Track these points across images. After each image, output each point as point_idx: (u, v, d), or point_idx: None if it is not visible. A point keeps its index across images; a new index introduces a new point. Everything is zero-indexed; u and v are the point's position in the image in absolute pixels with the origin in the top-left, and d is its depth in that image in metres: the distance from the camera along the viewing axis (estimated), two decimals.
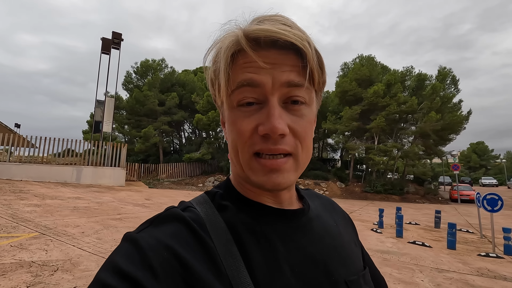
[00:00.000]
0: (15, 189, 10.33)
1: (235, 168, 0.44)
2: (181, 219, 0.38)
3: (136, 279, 0.30)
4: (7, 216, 6.22)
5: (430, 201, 20.24)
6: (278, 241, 0.41)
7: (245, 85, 0.38)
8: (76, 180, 15.06)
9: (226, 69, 0.39)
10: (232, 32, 0.40)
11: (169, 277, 0.31)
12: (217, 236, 0.38)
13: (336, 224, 0.52)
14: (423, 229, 9.11)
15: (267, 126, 0.37)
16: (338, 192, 21.17)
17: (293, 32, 0.37)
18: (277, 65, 0.38)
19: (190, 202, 0.44)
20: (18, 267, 3.56)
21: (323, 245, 0.45)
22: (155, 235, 0.35)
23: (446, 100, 20.43)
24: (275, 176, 0.39)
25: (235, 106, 0.40)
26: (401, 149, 21.69)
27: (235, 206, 0.43)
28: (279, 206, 0.45)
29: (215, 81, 0.42)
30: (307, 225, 0.46)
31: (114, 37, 20.27)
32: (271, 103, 0.38)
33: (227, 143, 0.45)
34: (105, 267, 0.32)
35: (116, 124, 27.17)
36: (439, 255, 5.83)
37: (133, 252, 0.33)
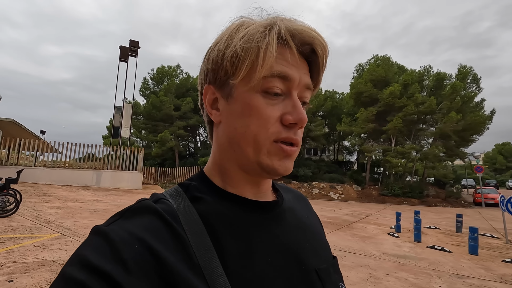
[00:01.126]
0: (39, 192, 10.84)
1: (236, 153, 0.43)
2: (154, 211, 0.37)
3: (106, 273, 0.29)
4: (32, 218, 6.55)
5: (452, 204, 19.44)
6: (252, 232, 0.42)
7: (280, 76, 0.40)
8: (96, 183, 15.60)
9: (272, 52, 0.39)
10: (271, 20, 0.41)
11: (141, 270, 0.31)
12: (190, 228, 0.38)
13: (307, 217, 0.54)
14: (443, 233, 8.77)
15: (296, 116, 0.40)
16: (355, 196, 20.74)
17: (326, 42, 0.42)
18: (301, 66, 0.42)
19: (162, 194, 0.43)
20: (40, 265, 3.74)
21: (295, 235, 0.46)
22: (126, 227, 0.34)
23: (467, 100, 19.65)
24: (288, 162, 0.42)
25: (260, 91, 0.40)
26: (420, 151, 21.03)
27: (210, 197, 0.43)
28: (256, 198, 0.46)
29: (244, 58, 0.39)
30: (281, 216, 0.47)
31: (131, 45, 20.96)
32: (295, 97, 0.41)
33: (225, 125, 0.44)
34: (72, 261, 0.31)
35: (134, 129, 28.00)
36: (460, 260, 5.60)
37: (103, 245, 0.32)
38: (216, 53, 0.43)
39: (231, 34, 0.42)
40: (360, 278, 4.17)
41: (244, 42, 0.40)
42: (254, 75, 0.39)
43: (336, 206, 15.44)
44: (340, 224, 9.24)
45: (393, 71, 22.48)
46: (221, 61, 0.42)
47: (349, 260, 5.03)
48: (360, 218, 11.04)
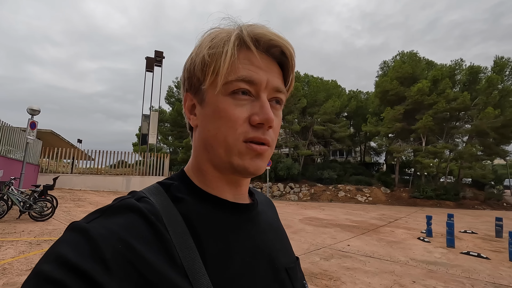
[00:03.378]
0: (74, 198, 11.58)
1: (210, 154, 0.45)
2: (137, 210, 0.37)
3: (85, 271, 0.28)
4: (66, 222, 7.01)
5: (493, 207, 17.98)
6: (231, 233, 0.43)
7: (245, 81, 0.41)
8: (126, 188, 16.36)
9: (232, 54, 0.41)
10: (235, 27, 0.44)
11: (122, 270, 0.30)
12: (173, 228, 0.38)
13: (276, 219, 0.57)
14: (481, 238, 8.13)
15: (262, 116, 0.41)
16: (383, 198, 19.89)
17: (289, 43, 0.44)
18: (269, 69, 0.43)
19: (143, 192, 0.42)
20: None
21: (268, 236, 0.49)
22: (108, 226, 0.33)
23: (506, 94, 18.20)
24: (259, 161, 0.43)
25: (227, 94, 0.42)
26: (453, 150, 19.76)
27: (191, 198, 0.44)
28: (235, 200, 0.47)
29: (210, 63, 0.42)
30: (256, 218, 0.49)
31: (156, 56, 21.88)
32: (263, 98, 0.42)
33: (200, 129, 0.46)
34: (47, 258, 0.29)
35: (160, 136, 29.11)
36: (498, 268, 5.15)
37: (83, 242, 0.31)
38: (189, 62, 0.46)
39: (201, 43, 0.44)
40: (384, 285, 3.98)
41: (209, 49, 0.42)
42: (220, 78, 0.41)
43: (363, 210, 14.90)
44: (366, 228, 8.90)
45: (421, 67, 21.41)
46: (193, 69, 0.45)
47: (373, 266, 4.82)
48: (388, 222, 10.56)
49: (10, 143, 11.83)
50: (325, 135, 25.18)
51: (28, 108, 10.46)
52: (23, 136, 12.32)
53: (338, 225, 9.30)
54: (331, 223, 9.68)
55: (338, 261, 5.01)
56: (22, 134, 12.43)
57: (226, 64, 0.40)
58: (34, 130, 10.72)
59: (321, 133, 24.77)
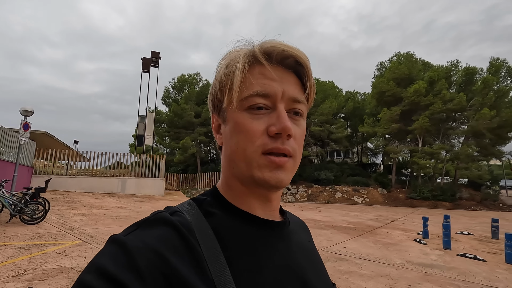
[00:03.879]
0: (68, 200, 11.43)
1: (235, 169, 0.45)
2: (170, 223, 0.38)
3: (122, 282, 0.30)
4: (58, 225, 6.89)
5: (489, 208, 18.03)
6: (262, 249, 0.42)
7: (259, 95, 0.42)
8: (121, 190, 16.22)
9: (243, 69, 0.42)
10: (247, 46, 0.46)
11: (156, 281, 0.31)
12: (205, 242, 0.38)
13: (309, 241, 0.57)
14: (477, 240, 8.12)
15: (279, 126, 0.41)
16: (380, 199, 19.89)
17: (301, 53, 0.44)
18: (284, 80, 0.44)
19: (177, 207, 0.44)
20: (58, 272, 3.88)
21: (301, 257, 0.48)
22: (143, 238, 0.35)
23: (502, 95, 18.28)
24: (279, 173, 0.42)
25: (244, 109, 0.43)
26: (450, 151, 19.81)
27: (222, 213, 0.44)
28: (265, 216, 0.47)
29: (226, 82, 0.44)
30: (287, 237, 0.48)
31: (152, 56, 21.78)
32: (280, 108, 0.43)
33: (224, 146, 0.47)
34: (90, 269, 0.32)
35: (157, 137, 28.94)
36: (495, 270, 5.12)
37: (120, 254, 0.33)
38: (212, 85, 0.49)
39: (219, 67, 0.47)
40: None
41: (225, 69, 0.45)
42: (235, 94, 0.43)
43: (360, 211, 14.87)
44: (362, 229, 8.86)
45: (417, 68, 21.46)
46: (214, 91, 0.48)
47: (368, 269, 4.77)
48: (385, 223, 10.53)
49: (3, 144, 11.67)
50: (322, 136, 25.16)
51: (21, 109, 10.31)
52: (16, 137, 12.16)
53: (334, 226, 9.24)
54: (327, 224, 9.62)
55: (333, 264, 4.95)
56: (15, 135, 12.27)
57: (238, 79, 0.42)
58: (28, 132, 10.57)
59: (318, 134, 24.74)
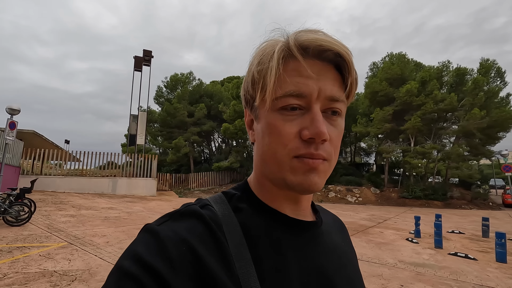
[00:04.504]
0: (56, 201, 11.16)
1: (266, 169, 0.44)
2: (199, 216, 0.39)
3: (156, 269, 0.31)
4: (43, 226, 6.68)
5: (479, 206, 18.28)
6: (289, 250, 0.41)
7: (293, 95, 0.39)
8: (112, 191, 15.95)
9: (277, 67, 0.39)
10: (281, 38, 0.42)
11: (185, 270, 0.32)
12: (232, 237, 0.39)
13: (343, 244, 0.53)
14: (468, 238, 8.18)
15: (312, 131, 0.38)
16: (373, 198, 19.99)
17: (342, 45, 0.40)
18: (322, 76, 0.40)
19: (207, 200, 0.44)
20: (40, 276, 3.73)
21: (331, 260, 0.45)
22: (174, 229, 0.36)
23: (492, 95, 18.51)
24: (313, 176, 0.40)
25: (277, 109, 0.41)
26: (441, 151, 20.01)
27: (251, 209, 0.44)
28: (295, 216, 0.45)
29: (259, 80, 0.42)
30: (318, 238, 0.46)
31: (145, 55, 21.50)
32: (315, 109, 0.40)
33: (256, 144, 0.46)
34: (126, 255, 0.33)
35: (150, 137, 28.60)
36: (486, 269, 5.13)
37: (153, 243, 0.34)
38: (244, 80, 0.47)
39: (252, 61, 0.44)
40: None
41: (257, 65, 0.42)
42: (268, 95, 0.41)
43: (353, 210, 14.90)
44: (355, 229, 8.84)
45: (409, 69, 21.63)
46: (247, 86, 0.45)
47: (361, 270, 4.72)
48: (377, 223, 10.54)
49: None
50: None
51: (7, 107, 10.01)
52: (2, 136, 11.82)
53: None
54: None
55: None
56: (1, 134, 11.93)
57: (272, 81, 0.39)
58: (14, 131, 10.27)
59: None
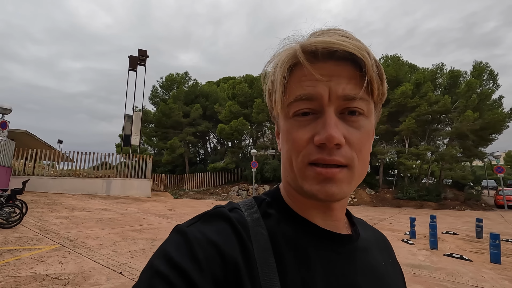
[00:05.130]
0: (49, 202, 10.97)
1: (288, 177, 0.43)
2: (227, 218, 0.39)
3: (184, 269, 0.32)
4: (35, 228, 6.54)
5: (472, 207, 18.50)
6: (318, 263, 0.39)
7: (303, 99, 0.39)
8: (106, 191, 15.75)
9: (282, 80, 0.40)
10: (289, 46, 0.41)
11: (212, 271, 0.33)
12: (258, 242, 0.38)
13: (384, 264, 0.48)
14: (462, 239, 8.25)
15: (322, 135, 0.37)
16: (368, 200, 20.10)
17: (351, 43, 0.38)
18: (334, 77, 0.38)
19: (237, 204, 0.44)
20: (32, 280, 3.63)
21: (366, 280, 0.42)
22: (202, 230, 0.37)
23: (484, 97, 18.78)
24: (329, 186, 0.38)
25: (290, 116, 0.41)
26: (435, 152, 20.22)
27: (280, 216, 0.43)
28: (326, 226, 0.43)
29: (272, 92, 0.43)
30: (352, 255, 0.44)
31: (140, 54, 21.32)
32: (328, 113, 0.38)
33: (281, 152, 0.45)
34: (159, 254, 0.34)
35: (144, 137, 28.35)
36: (481, 270, 5.16)
37: (183, 243, 0.35)
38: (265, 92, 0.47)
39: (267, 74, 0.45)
40: None
41: (271, 76, 0.43)
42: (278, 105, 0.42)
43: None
44: None
45: (404, 70, 21.84)
46: (267, 98, 0.46)
47: None
48: (373, 224, 10.57)
49: None
50: None
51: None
52: None
53: None
54: None
55: None
56: None
57: (279, 91, 0.40)
58: (5, 130, 10.09)
59: None
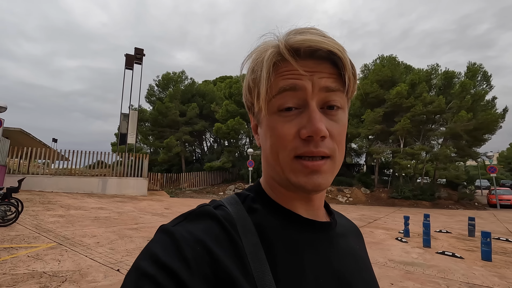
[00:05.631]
0: (44, 200, 10.92)
1: (272, 171, 0.45)
2: (213, 216, 0.39)
3: (172, 269, 0.32)
4: (31, 227, 6.53)
5: (465, 206, 18.78)
6: (304, 250, 0.41)
7: (287, 89, 0.40)
8: (101, 190, 15.70)
9: (268, 77, 0.40)
10: (272, 43, 0.42)
11: (201, 270, 0.33)
12: (246, 237, 0.39)
13: (359, 247, 0.53)
14: (455, 238, 8.39)
15: (309, 129, 0.38)
16: (363, 199, 20.28)
17: (333, 42, 0.40)
18: (316, 73, 0.40)
19: (221, 201, 0.44)
20: (29, 277, 3.65)
21: (347, 263, 0.45)
22: (189, 229, 0.37)
23: (478, 98, 19.06)
24: (316, 177, 0.40)
25: (274, 112, 0.41)
26: (430, 152, 20.46)
27: (265, 210, 0.44)
28: (309, 216, 0.45)
29: (253, 88, 0.43)
30: (333, 240, 0.46)
31: (136, 53, 21.23)
32: (311, 107, 0.40)
33: (262, 147, 0.46)
34: (144, 255, 0.34)
35: (141, 136, 28.25)
36: (472, 267, 5.28)
37: (169, 243, 0.34)
38: (243, 87, 0.48)
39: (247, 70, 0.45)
40: None
41: (251, 74, 0.43)
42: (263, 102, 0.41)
43: (344, 210, 15.08)
44: None
45: (399, 71, 22.06)
46: (245, 94, 0.47)
47: None
48: (367, 223, 10.71)
49: None
50: None
51: None
52: None
53: None
54: None
55: None
56: None
57: (264, 89, 0.40)
58: (0, 128, 10.04)
59: None
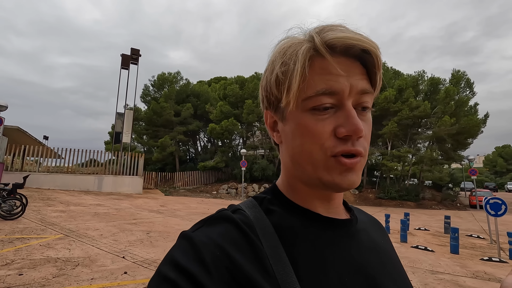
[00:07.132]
0: (43, 197, 11.26)
1: (298, 170, 0.44)
2: (232, 220, 0.39)
3: (192, 274, 0.32)
4: (37, 221, 6.95)
5: (448, 207, 19.69)
6: (325, 248, 0.41)
7: (325, 93, 0.38)
8: (97, 188, 16.01)
9: (302, 71, 0.39)
10: (305, 37, 0.41)
11: (220, 274, 0.33)
12: (266, 239, 0.38)
13: (383, 242, 0.51)
14: (431, 234, 9.09)
15: (349, 128, 0.38)
16: (352, 199, 21.02)
17: (369, 40, 0.39)
18: (351, 73, 0.39)
19: (239, 205, 0.44)
20: (46, 262, 4.13)
21: (371, 258, 0.44)
22: (208, 234, 0.37)
23: (461, 104, 20.00)
24: (350, 175, 0.39)
25: (307, 109, 0.40)
26: (416, 155, 21.32)
27: (283, 211, 0.44)
28: (328, 214, 0.45)
29: (284, 81, 0.40)
30: (355, 236, 0.45)
31: (132, 53, 21.49)
32: (348, 106, 0.39)
33: (285, 146, 0.45)
34: (165, 261, 0.35)
35: (135, 135, 28.47)
36: (440, 259, 5.92)
37: (189, 248, 0.35)
38: (265, 80, 0.45)
39: (274, 60, 0.43)
40: None
41: (281, 66, 0.41)
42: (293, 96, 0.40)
43: None
44: None
45: (388, 76, 22.87)
46: (270, 87, 0.44)
47: None
48: None
49: None
50: None
51: None
52: None
53: None
54: None
55: None
56: None
57: (297, 83, 0.39)
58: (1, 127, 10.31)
59: None
